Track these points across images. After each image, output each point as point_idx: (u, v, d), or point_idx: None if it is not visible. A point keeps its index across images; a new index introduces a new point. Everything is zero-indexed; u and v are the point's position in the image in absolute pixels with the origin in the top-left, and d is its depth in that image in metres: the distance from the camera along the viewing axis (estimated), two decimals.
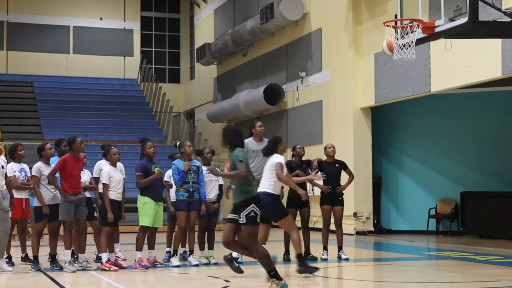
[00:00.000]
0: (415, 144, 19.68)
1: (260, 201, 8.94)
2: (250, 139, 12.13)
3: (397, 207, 19.69)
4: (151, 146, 11.43)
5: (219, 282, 9.72)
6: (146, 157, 11.38)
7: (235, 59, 27.09)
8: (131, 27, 33.38)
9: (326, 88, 20.38)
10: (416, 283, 9.68)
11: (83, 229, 11.06)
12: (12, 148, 11.79)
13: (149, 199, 11.27)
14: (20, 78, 31.13)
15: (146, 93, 31.43)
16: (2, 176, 10.64)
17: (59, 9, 32.38)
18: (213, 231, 12.15)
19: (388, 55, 11.87)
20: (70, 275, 10.54)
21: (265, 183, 10.41)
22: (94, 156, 15.94)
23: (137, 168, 11.30)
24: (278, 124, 23.27)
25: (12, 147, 11.83)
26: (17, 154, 11.63)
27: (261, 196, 9.32)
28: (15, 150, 11.71)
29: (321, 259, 12.39)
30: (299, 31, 22.23)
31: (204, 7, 30.97)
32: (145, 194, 11.30)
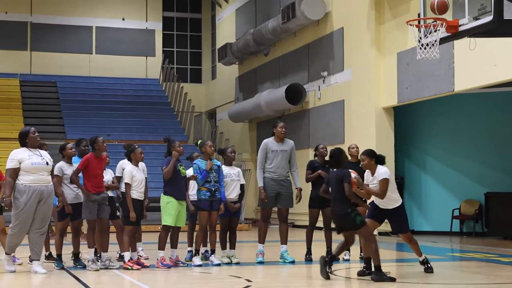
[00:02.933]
0: (438, 144, 19.56)
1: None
2: (270, 139, 12.14)
3: (420, 208, 19.58)
4: (180, 145, 11.47)
5: (240, 281, 9.70)
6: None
7: (257, 58, 27.08)
8: (153, 27, 33.47)
9: (348, 87, 20.32)
10: (439, 284, 9.61)
11: (106, 228, 11.10)
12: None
13: (172, 199, 11.28)
14: (44, 78, 31.32)
15: (168, 93, 31.50)
16: (47, 172, 10.70)
17: (82, 9, 32.54)
18: (234, 230, 12.14)
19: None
20: (93, 274, 10.57)
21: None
22: (117, 155, 16.00)
23: (164, 163, 11.36)
24: (299, 124, 23.23)
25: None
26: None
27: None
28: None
29: (343, 260, 12.33)
30: (321, 31, 22.18)
31: (226, 7, 30.98)
32: (168, 193, 11.32)
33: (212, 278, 10.55)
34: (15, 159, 10.50)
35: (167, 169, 11.25)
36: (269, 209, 12.15)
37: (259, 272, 11.18)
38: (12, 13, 31.62)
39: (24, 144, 10.69)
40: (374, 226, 10.52)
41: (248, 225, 22.52)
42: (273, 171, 12.04)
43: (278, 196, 12.04)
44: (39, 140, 10.83)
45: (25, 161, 10.45)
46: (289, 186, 12.13)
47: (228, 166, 12.15)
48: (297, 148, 22.33)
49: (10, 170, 10.47)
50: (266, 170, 12.05)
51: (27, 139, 10.67)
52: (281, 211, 12.15)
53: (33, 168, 10.48)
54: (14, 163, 10.48)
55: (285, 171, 12.10)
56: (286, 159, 12.12)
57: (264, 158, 12.06)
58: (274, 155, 12.01)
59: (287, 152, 12.12)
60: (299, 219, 21.76)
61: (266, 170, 12.05)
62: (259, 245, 12.10)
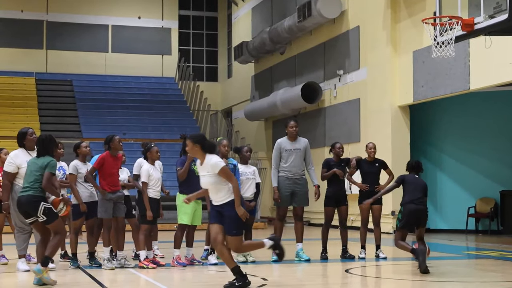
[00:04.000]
0: (454, 142, 19.50)
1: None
2: (283, 139, 12.17)
3: (435, 206, 19.52)
4: None
5: (256, 280, 9.70)
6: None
7: (273, 57, 27.08)
8: (169, 26, 33.53)
9: (364, 86, 20.29)
10: (455, 282, 9.59)
11: (121, 227, 11.14)
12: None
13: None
14: (60, 77, 31.45)
15: (184, 92, 31.55)
16: None
17: (98, 8, 32.65)
18: (250, 229, 12.14)
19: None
20: (109, 273, 10.61)
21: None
22: (133, 154, 16.05)
23: (178, 163, 11.35)
24: (315, 123, 23.22)
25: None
26: (56, 152, 11.71)
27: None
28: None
29: (359, 258, 12.33)
30: (337, 29, 22.15)
31: (242, 6, 30.99)
32: (184, 192, 11.33)
33: (227, 276, 10.55)
34: (13, 163, 10.47)
35: (182, 171, 11.26)
36: (285, 207, 12.16)
37: (275, 271, 11.19)
38: (28, 12, 31.76)
39: (21, 145, 10.67)
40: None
41: (263, 223, 22.52)
42: (288, 169, 12.05)
43: (294, 194, 12.04)
44: (35, 142, 10.76)
45: (23, 168, 10.29)
46: (304, 185, 12.13)
47: (243, 164, 12.16)
48: (313, 147, 22.35)
49: (8, 174, 10.47)
50: (281, 169, 12.06)
51: (24, 141, 10.64)
52: (296, 209, 12.17)
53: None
54: (13, 168, 10.46)
55: (300, 170, 12.10)
56: (301, 157, 12.12)
57: (279, 158, 12.07)
58: (289, 154, 12.02)
59: (301, 151, 12.11)
60: (315, 217, 21.75)
61: (281, 169, 12.06)
62: None
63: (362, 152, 13.26)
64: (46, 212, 9.27)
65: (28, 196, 9.29)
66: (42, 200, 9.28)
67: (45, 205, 9.28)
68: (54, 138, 9.68)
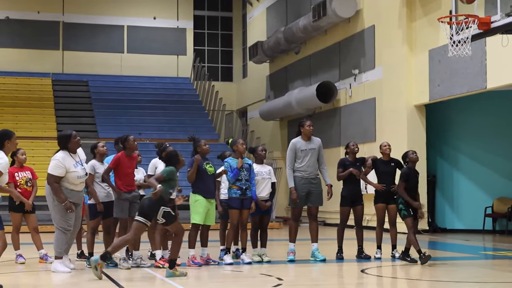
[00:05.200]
0: (471, 141, 19.41)
1: None
2: (298, 138, 12.14)
3: (452, 206, 19.44)
4: (206, 143, 11.47)
5: (271, 280, 9.70)
6: (201, 154, 11.38)
7: (288, 57, 27.06)
8: (184, 26, 33.57)
9: (379, 85, 20.23)
10: (472, 283, 9.53)
11: None
12: (94, 145, 11.90)
13: (200, 197, 11.28)
14: (76, 77, 31.56)
15: (199, 92, 31.58)
16: (83, 182, 10.79)
17: (113, 9, 32.73)
18: (265, 229, 12.14)
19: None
20: (125, 272, 10.63)
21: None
22: (148, 154, 16.07)
23: (189, 165, 11.34)
24: (330, 122, 23.18)
25: (93, 145, 11.93)
26: (98, 151, 11.71)
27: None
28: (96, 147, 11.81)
29: (375, 258, 12.29)
30: (352, 28, 22.10)
31: (257, 6, 30.99)
32: (196, 191, 11.33)
33: (243, 276, 10.56)
34: (62, 166, 10.44)
35: (189, 174, 11.24)
36: (300, 208, 12.15)
37: (290, 271, 11.17)
38: (44, 13, 31.90)
39: (65, 148, 10.66)
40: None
41: (279, 223, 22.51)
42: (303, 170, 12.02)
43: (309, 194, 12.02)
44: (80, 144, 10.83)
45: (71, 173, 10.42)
46: (319, 184, 12.11)
47: (259, 164, 12.14)
48: (328, 146, 22.37)
49: (56, 177, 10.42)
50: (296, 169, 12.03)
51: (69, 144, 10.62)
52: (310, 209, 12.14)
53: (78, 181, 10.55)
54: (61, 171, 10.44)
55: (315, 169, 12.08)
56: (315, 157, 12.11)
57: (294, 158, 12.05)
58: (304, 154, 11.99)
59: (316, 150, 12.10)
60: (330, 217, 21.71)
61: (296, 169, 12.03)
62: (290, 244, 12.10)
63: (377, 152, 13.21)
64: (165, 215, 9.97)
65: (150, 200, 9.92)
66: (161, 204, 9.93)
67: (165, 209, 9.96)
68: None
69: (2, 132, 8.82)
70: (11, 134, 8.80)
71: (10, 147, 8.80)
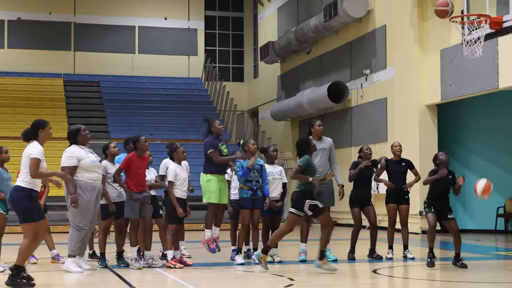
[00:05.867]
0: (483, 141, 19.34)
1: None
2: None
3: (464, 206, 19.37)
4: (220, 124, 11.49)
5: (283, 280, 9.69)
6: (214, 134, 11.41)
7: (299, 57, 27.04)
8: (195, 27, 33.60)
9: (391, 85, 20.19)
10: (484, 283, 9.50)
11: (149, 227, 11.17)
12: (105, 146, 11.95)
13: (212, 176, 11.27)
14: (87, 78, 31.65)
15: (210, 92, 31.61)
16: (99, 168, 10.83)
17: (124, 9, 32.79)
18: (277, 229, 12.11)
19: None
20: (136, 272, 10.65)
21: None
22: (159, 154, 16.08)
23: (207, 145, 11.31)
24: (342, 122, 23.15)
25: (105, 146, 11.97)
26: (109, 151, 11.75)
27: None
28: (108, 147, 11.86)
29: (386, 258, 12.27)
30: (363, 28, 22.06)
31: (268, 6, 30.98)
32: (208, 171, 11.34)
33: (254, 276, 10.56)
34: (73, 156, 10.58)
35: (223, 160, 11.27)
36: None
37: (302, 271, 11.17)
38: (55, 14, 32.00)
39: (75, 142, 10.76)
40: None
41: None
42: None
43: (320, 194, 11.99)
44: (89, 137, 10.95)
45: (84, 159, 10.57)
46: (330, 185, 12.08)
47: (270, 164, 12.15)
48: (339, 147, 22.32)
49: (70, 167, 10.51)
50: None
51: (78, 137, 10.76)
52: None
53: (93, 166, 10.62)
54: (74, 161, 10.57)
55: (326, 169, 12.04)
56: (326, 157, 12.08)
57: None
58: (315, 154, 11.97)
59: (327, 150, 12.08)
60: (342, 217, 21.68)
61: None
62: (301, 244, 12.09)
63: (388, 152, 13.18)
64: (311, 208, 10.40)
65: (298, 193, 10.46)
66: (307, 198, 10.36)
67: (310, 202, 10.37)
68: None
69: (36, 121, 9.16)
70: (45, 124, 9.10)
71: (45, 137, 9.10)
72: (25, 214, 8.82)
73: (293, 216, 10.46)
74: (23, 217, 8.85)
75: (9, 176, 11.04)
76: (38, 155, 8.85)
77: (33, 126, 9.15)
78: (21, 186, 8.88)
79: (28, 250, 8.94)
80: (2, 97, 28.69)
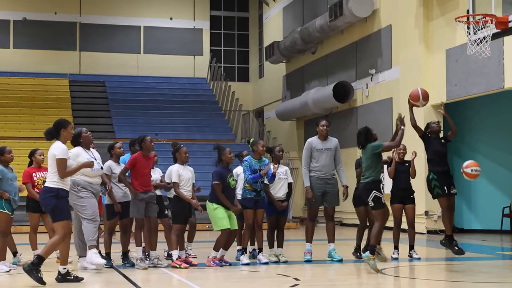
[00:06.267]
0: (488, 141, 19.30)
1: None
2: (314, 138, 12.12)
3: (469, 206, 19.35)
4: (231, 152, 11.36)
5: (288, 280, 9.69)
6: (224, 163, 11.35)
7: (304, 57, 27.03)
8: (200, 27, 33.61)
9: (396, 85, 20.17)
10: (489, 283, 9.49)
11: (154, 227, 11.17)
12: (110, 146, 11.96)
13: (217, 205, 11.20)
14: (92, 78, 31.68)
15: (216, 92, 31.62)
16: (99, 175, 10.88)
17: (130, 9, 32.82)
18: (282, 229, 12.13)
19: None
20: (142, 272, 10.65)
21: None
22: (165, 154, 16.10)
23: (215, 176, 11.22)
24: (347, 122, 23.14)
25: (110, 145, 11.99)
26: (114, 151, 11.75)
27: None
28: (113, 147, 11.87)
29: (392, 258, 12.25)
30: (369, 28, 22.05)
31: (273, 6, 30.98)
32: (214, 201, 11.27)
33: (259, 276, 10.56)
34: (73, 155, 10.48)
35: (222, 197, 11.13)
36: (316, 208, 12.12)
37: (307, 271, 11.16)
38: (61, 14, 32.04)
39: (78, 144, 10.78)
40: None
41: (296, 223, 22.49)
42: (319, 169, 11.99)
43: (325, 194, 11.99)
44: (92, 139, 10.97)
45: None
46: (335, 184, 12.07)
47: (276, 164, 12.12)
48: (345, 147, 22.28)
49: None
50: (312, 169, 12.00)
51: (81, 139, 10.78)
52: (327, 209, 12.10)
53: (92, 174, 10.65)
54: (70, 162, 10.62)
55: (331, 169, 12.04)
56: (332, 157, 12.06)
57: (309, 158, 12.01)
58: (320, 154, 11.96)
59: (332, 150, 12.05)
60: (347, 217, 21.66)
61: (312, 169, 12.00)
62: (306, 244, 12.07)
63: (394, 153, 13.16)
64: (375, 199, 10.62)
65: (365, 184, 10.72)
66: (374, 189, 10.61)
67: (376, 194, 10.63)
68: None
69: (58, 121, 9.36)
70: (66, 124, 9.27)
71: (66, 136, 9.26)
72: (54, 212, 9.14)
73: (377, 210, 10.69)
74: (52, 215, 9.20)
75: (13, 176, 11.05)
76: (63, 155, 9.08)
77: (55, 126, 9.35)
78: (48, 187, 9.18)
79: (54, 245, 9.25)
80: (8, 97, 28.74)
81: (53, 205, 9.10)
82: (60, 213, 9.11)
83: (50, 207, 9.13)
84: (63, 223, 9.13)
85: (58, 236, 9.14)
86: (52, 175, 9.17)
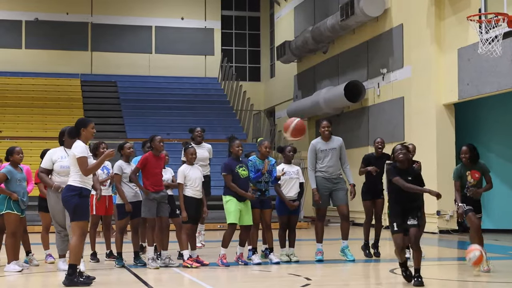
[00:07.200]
0: (501, 141, 19.22)
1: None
2: (318, 139, 12.14)
3: (482, 205, 19.23)
4: (239, 145, 11.39)
5: (300, 279, 9.67)
6: (233, 155, 11.39)
7: (315, 56, 27.00)
8: (211, 26, 33.62)
9: (408, 84, 20.11)
10: (501, 283, 9.44)
11: (165, 227, 11.19)
12: (95, 146, 12.02)
13: (230, 197, 11.26)
14: (104, 78, 31.73)
15: (227, 92, 31.61)
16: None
17: (141, 9, 32.85)
18: (294, 229, 12.11)
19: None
20: (153, 272, 10.67)
21: None
22: (176, 154, 16.10)
23: (223, 167, 11.30)
24: (359, 122, 23.09)
25: (95, 145, 12.06)
26: (99, 152, 11.78)
27: None
28: (97, 148, 11.92)
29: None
30: (380, 27, 22.00)
31: (284, 5, 30.96)
32: (227, 193, 11.32)
33: (271, 276, 10.55)
34: (50, 160, 10.74)
35: (232, 186, 11.15)
36: (324, 208, 12.09)
37: (318, 270, 11.15)
38: (73, 14, 32.12)
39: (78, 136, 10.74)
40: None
41: (307, 223, 22.46)
42: (325, 170, 11.98)
43: (333, 193, 11.97)
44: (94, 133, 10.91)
45: (58, 163, 10.69)
46: (342, 183, 12.06)
47: (287, 164, 12.12)
48: (356, 146, 22.29)
49: (48, 170, 10.76)
50: (318, 169, 11.99)
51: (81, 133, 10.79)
52: (340, 208, 12.04)
53: (61, 171, 10.68)
54: (49, 164, 10.75)
55: (338, 169, 12.02)
56: (337, 156, 12.04)
57: (314, 159, 12.01)
58: (324, 154, 11.95)
59: (337, 150, 12.03)
60: (360, 217, 21.61)
61: (319, 170, 11.99)
62: (317, 244, 12.05)
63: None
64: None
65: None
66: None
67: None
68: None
69: (78, 120, 9.47)
70: (87, 123, 9.30)
71: (87, 135, 9.29)
72: (75, 212, 9.14)
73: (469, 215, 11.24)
74: (72, 215, 9.19)
75: (23, 176, 10.94)
76: (82, 154, 9.12)
77: (76, 125, 9.40)
78: (72, 185, 9.19)
79: (77, 247, 9.17)
80: (20, 97, 28.83)
81: (75, 204, 9.10)
82: (80, 213, 9.12)
83: (72, 206, 9.12)
84: (81, 224, 9.14)
85: (75, 237, 9.12)
86: (75, 175, 9.18)
